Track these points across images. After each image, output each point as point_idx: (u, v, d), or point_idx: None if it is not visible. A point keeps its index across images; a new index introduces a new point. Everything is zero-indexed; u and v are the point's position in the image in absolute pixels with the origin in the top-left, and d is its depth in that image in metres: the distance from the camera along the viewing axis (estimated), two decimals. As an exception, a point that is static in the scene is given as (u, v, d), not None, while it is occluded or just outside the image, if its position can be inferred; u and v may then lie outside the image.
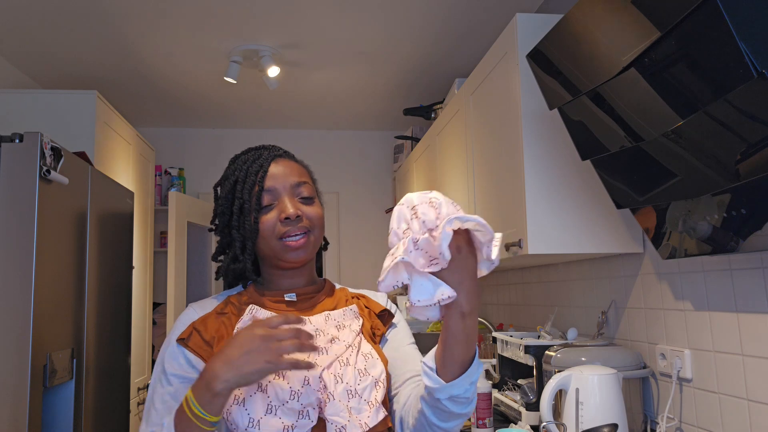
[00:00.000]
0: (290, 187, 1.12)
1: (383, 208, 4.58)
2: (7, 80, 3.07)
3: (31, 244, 1.80)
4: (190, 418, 0.90)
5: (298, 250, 1.09)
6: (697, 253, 1.52)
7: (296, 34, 2.88)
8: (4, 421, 1.72)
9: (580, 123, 1.54)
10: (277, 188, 1.11)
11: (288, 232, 1.09)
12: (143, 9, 2.58)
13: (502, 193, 2.07)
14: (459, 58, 3.19)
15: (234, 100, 3.84)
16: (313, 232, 1.12)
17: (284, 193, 1.11)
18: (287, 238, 1.09)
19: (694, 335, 1.68)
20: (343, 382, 1.00)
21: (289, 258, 1.10)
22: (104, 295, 2.39)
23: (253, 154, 1.16)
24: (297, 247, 1.09)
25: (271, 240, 1.09)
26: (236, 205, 1.10)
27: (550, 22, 1.84)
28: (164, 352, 1.06)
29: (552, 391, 1.61)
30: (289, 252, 1.09)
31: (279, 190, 1.11)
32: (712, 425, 1.60)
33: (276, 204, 1.11)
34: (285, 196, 1.11)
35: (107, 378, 2.42)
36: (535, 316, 2.72)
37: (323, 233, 1.17)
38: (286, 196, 1.11)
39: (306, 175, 1.17)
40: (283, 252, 1.09)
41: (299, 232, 1.09)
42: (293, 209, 1.09)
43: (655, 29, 1.14)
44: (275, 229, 1.09)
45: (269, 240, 1.09)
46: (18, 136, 1.84)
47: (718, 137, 1.17)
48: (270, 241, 1.09)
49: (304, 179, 1.15)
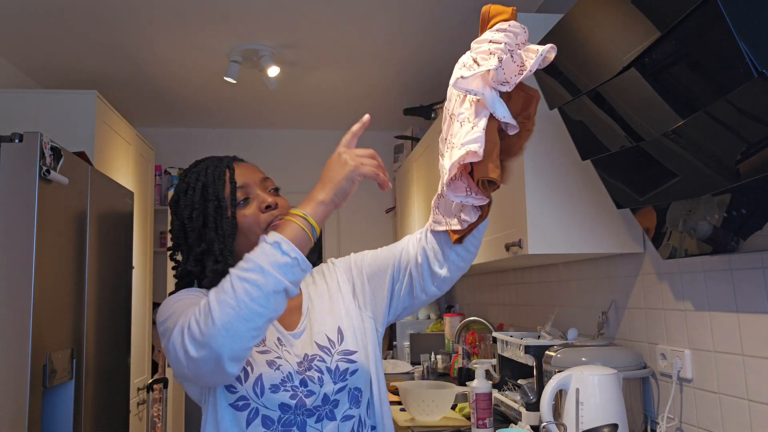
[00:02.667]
0: (259, 181, 1.18)
1: (383, 208, 4.58)
2: (7, 80, 3.07)
3: (30, 244, 1.80)
4: (295, 223, 0.98)
5: None
6: (698, 253, 1.52)
7: (296, 34, 2.88)
8: (4, 421, 1.72)
9: (581, 123, 1.54)
10: (249, 183, 1.16)
11: (269, 218, 1.14)
12: (143, 9, 2.58)
13: (502, 193, 2.06)
14: (459, 57, 3.19)
15: (234, 100, 3.84)
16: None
17: (256, 187, 1.17)
18: (273, 224, 1.13)
19: (694, 335, 1.68)
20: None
21: None
22: (104, 295, 2.39)
23: (209, 162, 1.19)
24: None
25: (257, 230, 1.13)
26: (210, 206, 1.13)
27: (550, 22, 1.83)
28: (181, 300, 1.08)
29: (552, 391, 1.61)
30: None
31: (251, 185, 1.16)
32: (713, 425, 1.60)
33: (251, 198, 1.15)
34: (257, 189, 1.17)
35: (107, 378, 2.42)
36: (535, 316, 2.72)
37: None
38: (258, 189, 1.17)
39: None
40: None
41: (281, 217, 1.14)
42: (271, 198, 1.15)
43: (655, 29, 1.14)
44: (258, 220, 1.13)
45: (254, 231, 1.13)
46: (18, 136, 1.83)
47: (719, 137, 1.17)
48: (255, 231, 1.13)
49: (266, 176, 1.21)
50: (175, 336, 0.94)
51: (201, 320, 0.91)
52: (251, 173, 1.18)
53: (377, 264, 1.23)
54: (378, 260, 1.24)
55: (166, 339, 0.99)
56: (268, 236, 0.96)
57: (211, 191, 1.14)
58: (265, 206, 1.14)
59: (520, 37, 0.97)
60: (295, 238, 0.96)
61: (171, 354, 0.96)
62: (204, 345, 0.90)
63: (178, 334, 0.94)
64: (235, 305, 0.89)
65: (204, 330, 0.90)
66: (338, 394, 1.09)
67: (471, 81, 0.94)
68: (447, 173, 1.00)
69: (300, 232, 0.97)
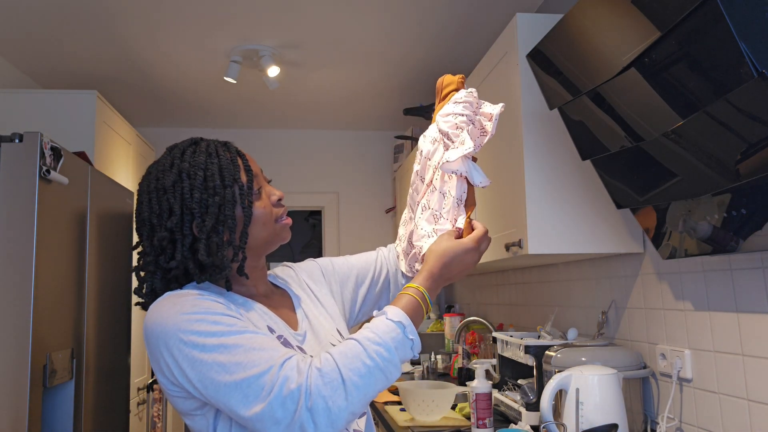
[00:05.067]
0: (261, 173, 1.15)
1: (383, 208, 4.58)
2: (7, 80, 3.07)
3: (30, 244, 1.80)
4: (423, 310, 1.02)
5: (289, 229, 1.16)
6: (698, 253, 1.52)
7: (296, 34, 2.88)
8: (4, 421, 1.72)
9: (581, 123, 1.54)
10: (257, 174, 1.13)
11: (283, 212, 1.14)
12: (143, 9, 2.58)
13: (502, 193, 2.07)
14: (459, 58, 3.19)
15: (234, 100, 3.84)
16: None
17: (262, 178, 1.14)
18: (282, 219, 1.13)
19: (694, 335, 1.68)
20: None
21: (287, 236, 1.15)
22: (104, 295, 2.39)
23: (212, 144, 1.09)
24: (290, 225, 1.16)
25: (270, 223, 1.11)
26: (228, 193, 1.03)
27: (550, 22, 1.83)
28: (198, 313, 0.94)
29: (552, 391, 1.61)
30: (286, 231, 1.15)
31: (259, 175, 1.13)
32: (713, 425, 1.60)
33: (260, 189, 1.11)
34: (263, 181, 1.14)
35: (107, 378, 2.42)
36: (535, 316, 2.72)
37: None
38: (263, 181, 1.14)
39: None
40: (283, 232, 1.14)
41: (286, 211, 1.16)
42: (279, 191, 1.14)
43: (655, 29, 1.14)
44: (272, 213, 1.11)
45: (269, 224, 1.10)
46: (18, 136, 1.83)
47: (719, 137, 1.17)
48: (269, 224, 1.11)
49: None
50: (284, 401, 0.84)
51: (329, 395, 0.85)
52: (254, 164, 1.14)
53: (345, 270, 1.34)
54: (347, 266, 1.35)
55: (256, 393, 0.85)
56: (392, 314, 0.97)
57: (227, 175, 1.04)
58: (277, 200, 1.12)
59: (474, 105, 1.19)
60: (415, 321, 0.99)
61: (269, 416, 0.84)
62: (332, 423, 0.85)
63: (292, 401, 0.84)
64: (370, 388, 0.90)
65: (333, 407, 0.85)
66: None
67: (454, 163, 1.13)
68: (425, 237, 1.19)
69: (420, 316, 1.01)
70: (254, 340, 0.90)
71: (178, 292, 1.00)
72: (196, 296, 0.97)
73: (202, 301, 0.95)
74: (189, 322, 0.91)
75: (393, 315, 0.96)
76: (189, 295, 0.97)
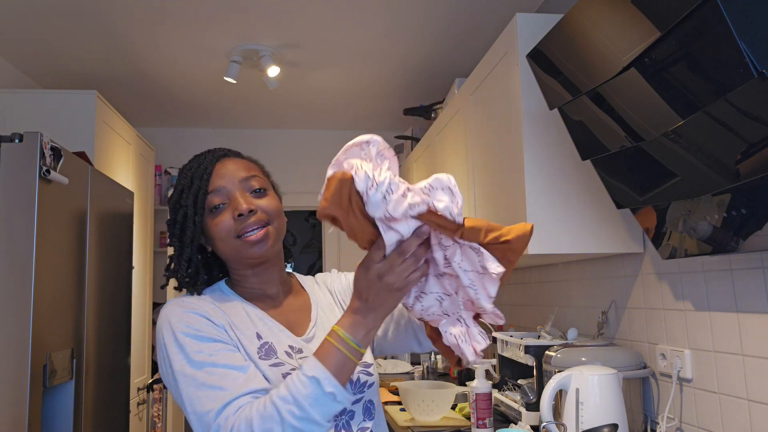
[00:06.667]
0: (239, 182, 1.10)
1: (383, 208, 4.58)
2: (7, 80, 3.07)
3: (30, 244, 1.80)
4: (346, 355, 0.93)
5: (259, 244, 1.07)
6: (698, 253, 1.52)
7: (296, 34, 2.88)
8: (4, 421, 1.72)
9: (580, 123, 1.54)
10: (226, 187, 1.09)
11: (244, 228, 1.07)
12: (143, 9, 2.58)
13: (502, 193, 2.07)
14: (459, 58, 3.19)
15: (234, 100, 3.84)
16: (272, 223, 1.10)
17: (234, 189, 1.09)
18: (245, 234, 1.07)
19: (694, 335, 1.68)
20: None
21: (253, 253, 1.08)
22: (104, 295, 2.39)
23: (197, 160, 1.14)
24: (256, 240, 1.07)
25: (230, 240, 1.07)
26: (180, 213, 1.09)
27: (550, 22, 1.83)
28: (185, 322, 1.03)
29: (552, 391, 1.61)
30: (251, 247, 1.07)
31: (228, 188, 1.09)
32: (713, 425, 1.60)
33: (228, 203, 1.08)
34: (236, 192, 1.09)
35: (107, 378, 2.42)
36: (535, 316, 2.72)
37: (284, 223, 1.15)
38: (237, 193, 1.09)
39: (255, 168, 1.16)
40: (244, 249, 1.07)
41: (256, 226, 1.07)
42: (245, 204, 1.07)
43: (655, 29, 1.14)
44: (232, 228, 1.07)
45: (228, 240, 1.08)
46: (18, 136, 1.83)
47: (719, 137, 1.17)
48: (229, 241, 1.07)
49: (252, 173, 1.13)
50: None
51: None
52: (232, 174, 1.10)
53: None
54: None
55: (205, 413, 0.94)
56: (308, 367, 0.92)
57: (184, 197, 1.10)
58: (237, 214, 1.06)
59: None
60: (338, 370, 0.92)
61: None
62: None
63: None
64: None
65: None
66: (354, 406, 1.08)
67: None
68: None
69: (344, 362, 0.93)
70: (210, 376, 0.96)
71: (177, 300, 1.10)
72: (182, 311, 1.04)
73: (186, 315, 1.04)
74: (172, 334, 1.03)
75: (308, 369, 0.92)
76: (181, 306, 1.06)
